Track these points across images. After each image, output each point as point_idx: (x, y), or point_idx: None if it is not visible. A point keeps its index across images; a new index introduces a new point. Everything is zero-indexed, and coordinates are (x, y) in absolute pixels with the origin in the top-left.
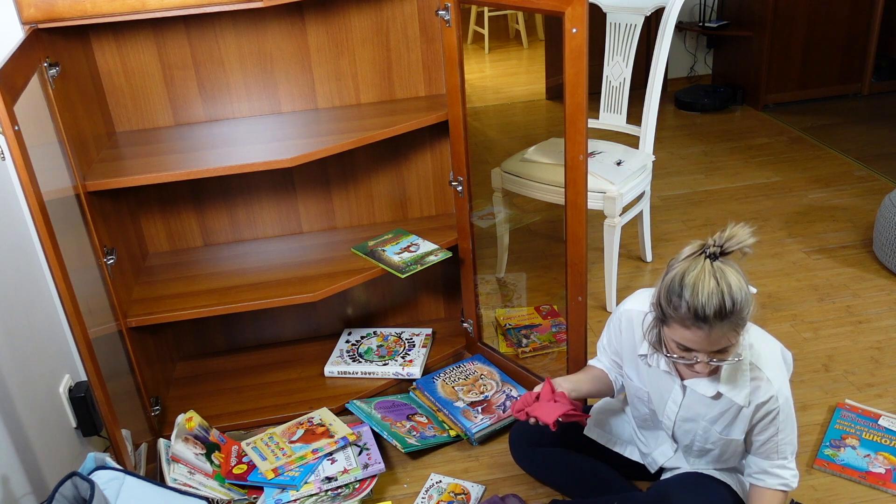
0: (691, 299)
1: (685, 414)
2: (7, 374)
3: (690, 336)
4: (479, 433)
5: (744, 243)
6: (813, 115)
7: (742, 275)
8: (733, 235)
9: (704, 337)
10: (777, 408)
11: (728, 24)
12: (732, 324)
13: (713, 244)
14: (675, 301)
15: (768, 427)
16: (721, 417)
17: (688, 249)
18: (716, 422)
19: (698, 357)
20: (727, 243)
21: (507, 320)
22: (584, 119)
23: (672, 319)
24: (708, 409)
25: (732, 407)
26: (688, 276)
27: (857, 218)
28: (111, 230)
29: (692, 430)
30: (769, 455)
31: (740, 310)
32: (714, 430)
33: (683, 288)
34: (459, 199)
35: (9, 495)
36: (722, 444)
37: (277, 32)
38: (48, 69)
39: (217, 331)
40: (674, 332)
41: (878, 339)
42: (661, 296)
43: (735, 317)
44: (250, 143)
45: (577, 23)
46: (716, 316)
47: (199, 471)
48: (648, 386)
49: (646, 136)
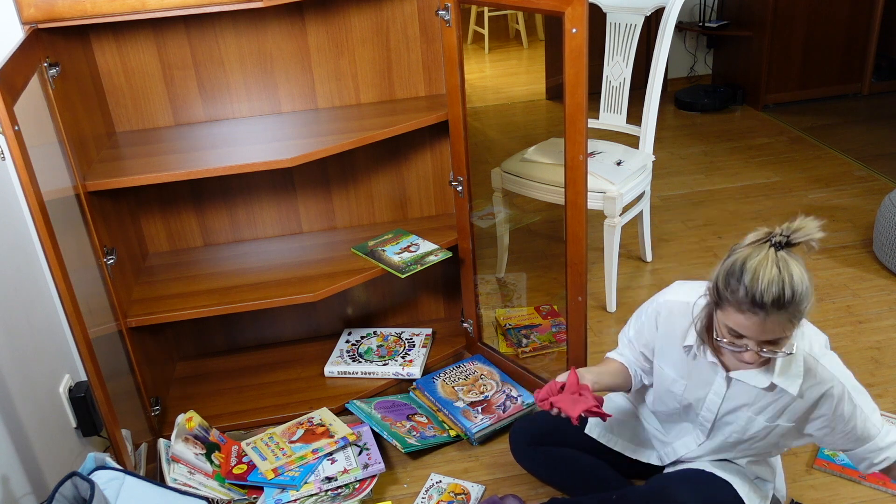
0: (750, 284)
1: (728, 406)
2: (7, 374)
3: (744, 322)
4: (479, 433)
5: (811, 236)
6: (813, 115)
7: (805, 269)
8: (802, 227)
9: (759, 324)
10: (839, 396)
11: (728, 24)
12: (789, 315)
13: (780, 233)
14: (734, 284)
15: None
16: (769, 407)
17: (752, 236)
18: (762, 411)
19: (749, 345)
20: (794, 234)
21: (507, 320)
22: (584, 119)
23: (727, 303)
24: (755, 399)
25: (783, 397)
26: (750, 261)
27: (857, 218)
28: (111, 230)
29: (734, 421)
30: (863, 441)
31: (799, 302)
32: (759, 419)
33: (744, 272)
34: (459, 199)
35: (9, 495)
36: (765, 432)
37: (277, 32)
38: (48, 69)
39: (217, 331)
40: (727, 317)
41: (878, 339)
42: (720, 278)
43: (792, 308)
44: (250, 143)
45: (577, 23)
46: (773, 304)
47: (199, 471)
48: (687, 378)
49: (646, 136)
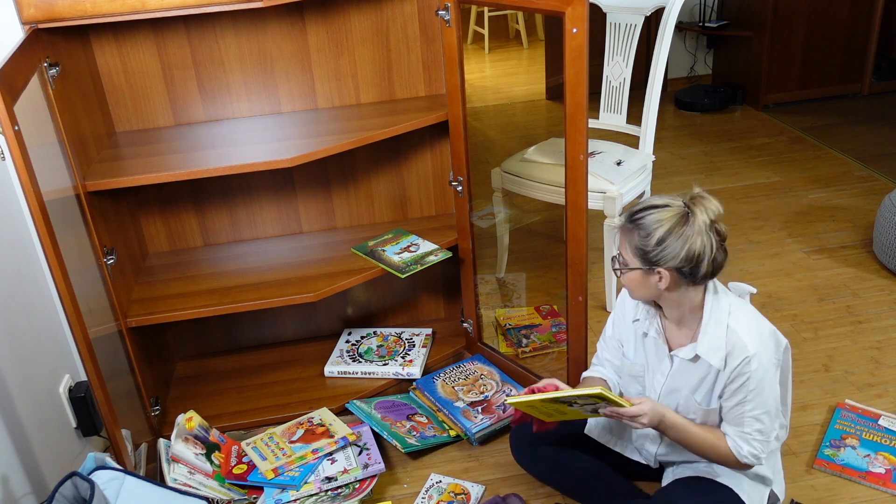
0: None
1: (670, 385)
2: (7, 374)
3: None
4: (480, 433)
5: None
6: (813, 115)
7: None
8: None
9: (618, 229)
10: (748, 373)
11: (728, 24)
12: (628, 234)
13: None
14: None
15: (737, 392)
16: (700, 385)
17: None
18: (696, 390)
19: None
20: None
21: (507, 320)
22: (585, 119)
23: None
24: (689, 377)
25: (710, 373)
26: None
27: (857, 218)
28: (111, 230)
29: (674, 402)
30: (734, 423)
31: (639, 227)
32: (694, 399)
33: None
34: (459, 199)
35: (9, 495)
36: (702, 415)
37: (277, 32)
38: (48, 69)
39: (217, 331)
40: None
41: (878, 339)
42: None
43: (633, 229)
44: (250, 143)
45: (577, 23)
46: (627, 217)
47: (199, 471)
48: (643, 359)
49: (646, 136)
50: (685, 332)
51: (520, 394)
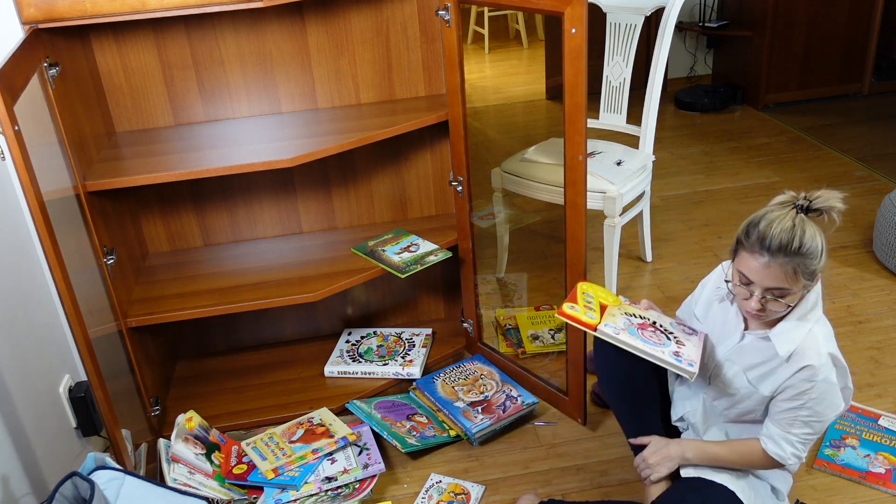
0: (764, 229)
1: (732, 355)
2: (7, 374)
3: (753, 264)
4: (480, 433)
5: (831, 203)
6: (813, 115)
7: (822, 235)
8: (822, 195)
9: (764, 267)
10: (814, 383)
11: (728, 24)
12: (794, 264)
13: (803, 197)
14: (751, 230)
15: (796, 397)
16: (757, 367)
17: (779, 197)
18: (750, 369)
19: (754, 291)
20: (815, 200)
21: (507, 320)
22: (584, 119)
23: (742, 247)
24: (751, 356)
25: (773, 361)
26: (770, 214)
27: (857, 218)
28: (111, 230)
29: (727, 371)
30: (783, 425)
31: (805, 254)
32: (745, 377)
33: (762, 220)
34: (459, 199)
35: (9, 495)
36: (745, 394)
37: (277, 32)
38: (48, 69)
39: (217, 331)
40: (740, 262)
41: (878, 339)
42: (742, 227)
43: (797, 258)
44: (250, 143)
45: (576, 23)
46: (780, 249)
47: (199, 471)
48: (710, 325)
49: (646, 136)
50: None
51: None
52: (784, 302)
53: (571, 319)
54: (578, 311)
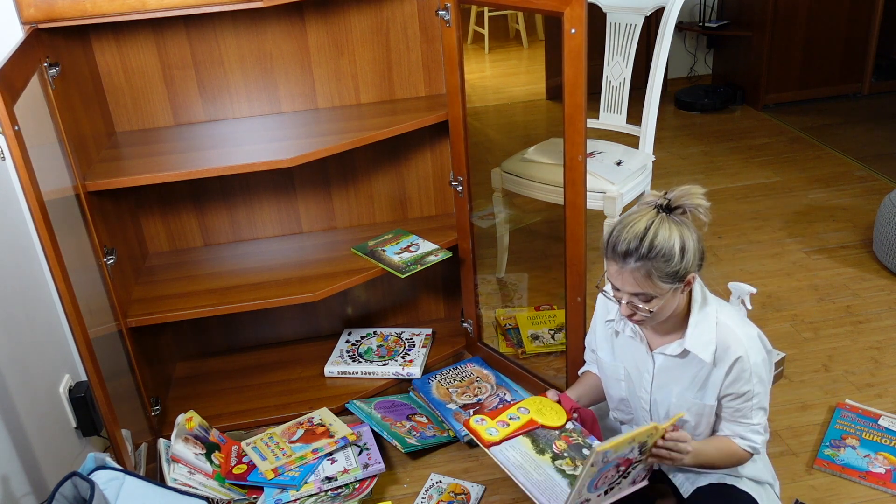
0: (616, 233)
1: (658, 382)
2: (7, 374)
3: (610, 269)
4: (468, 436)
5: (692, 201)
6: (813, 115)
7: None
8: (679, 193)
9: (618, 273)
10: (748, 368)
11: (728, 24)
12: (646, 268)
13: (662, 195)
14: (612, 234)
15: (741, 389)
16: (692, 382)
17: (644, 199)
18: (688, 387)
19: (622, 297)
20: (675, 198)
21: (507, 320)
22: (583, 119)
23: (604, 253)
24: (679, 373)
25: (702, 370)
26: (627, 217)
27: (857, 218)
28: (111, 230)
29: (666, 400)
30: (740, 419)
31: (655, 257)
32: (687, 396)
33: (618, 224)
34: (459, 199)
35: (9, 495)
36: (696, 412)
37: (277, 32)
38: (48, 69)
39: (217, 331)
40: (607, 268)
41: (878, 339)
42: (606, 229)
43: (649, 262)
44: (250, 143)
45: (575, 23)
46: (627, 255)
47: (199, 471)
48: (624, 361)
49: (646, 136)
50: (668, 336)
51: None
52: (648, 307)
53: (472, 432)
54: (485, 424)
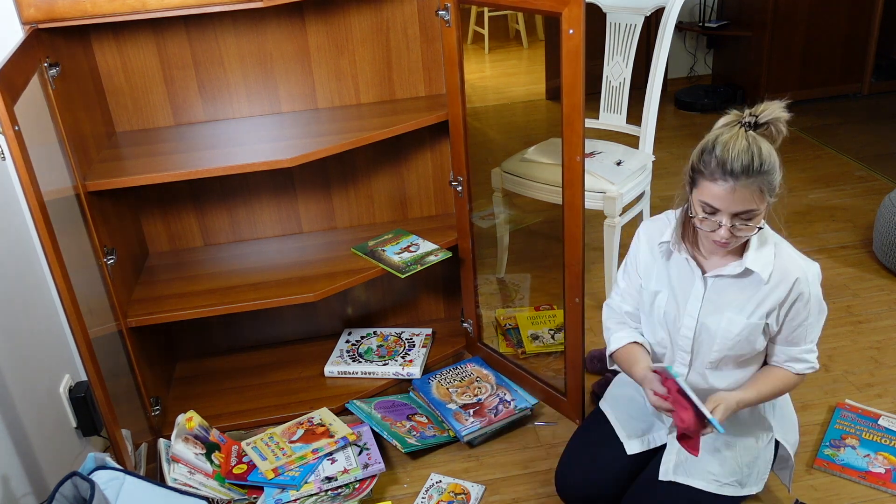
0: (722, 154)
1: (708, 307)
2: (7, 374)
3: (717, 191)
4: (469, 436)
5: (775, 115)
6: (813, 115)
7: (773, 148)
8: (766, 108)
9: (729, 192)
10: (806, 292)
11: (728, 24)
12: (758, 183)
13: (749, 114)
14: (707, 158)
15: (801, 311)
16: (747, 303)
17: (723, 120)
18: (741, 310)
19: (722, 220)
20: (761, 114)
21: (507, 320)
22: (582, 120)
23: (701, 176)
24: (732, 296)
25: (758, 291)
26: (721, 136)
27: (857, 218)
28: (111, 230)
29: (717, 323)
30: (798, 341)
31: (767, 171)
32: (739, 319)
33: (716, 145)
34: (459, 199)
35: (9, 495)
36: (748, 336)
37: (277, 32)
38: (48, 69)
39: (217, 331)
40: (701, 192)
41: (878, 339)
42: (695, 156)
43: (762, 177)
44: (250, 143)
45: (573, 24)
46: (743, 171)
47: (199, 471)
48: (668, 287)
49: (646, 136)
50: (725, 258)
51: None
52: (752, 224)
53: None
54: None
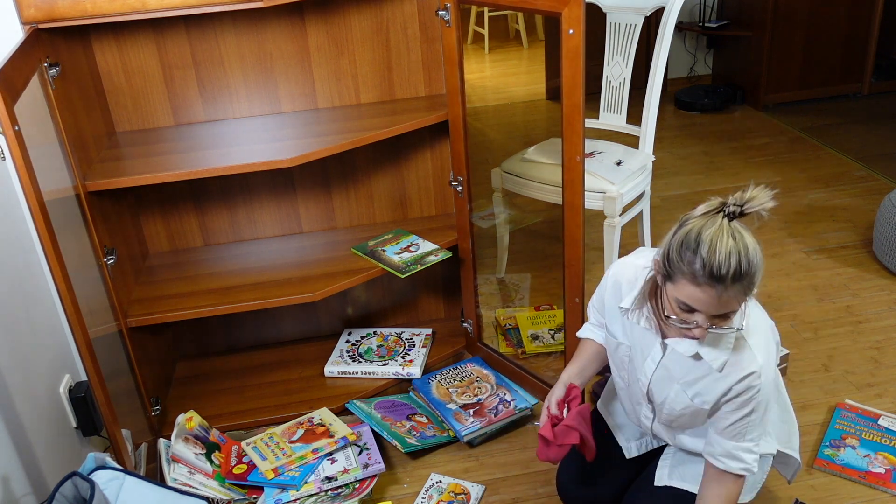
0: (708, 256)
1: (661, 373)
2: (7, 374)
3: (700, 295)
4: (469, 436)
5: (764, 205)
6: (813, 115)
7: (755, 238)
8: (754, 197)
9: (714, 298)
10: (758, 385)
11: (728, 24)
12: (744, 287)
13: (733, 203)
14: (690, 257)
15: (744, 405)
16: (696, 383)
17: (703, 207)
18: (690, 386)
19: (699, 320)
20: (747, 204)
21: (507, 320)
22: (581, 120)
23: (682, 276)
24: (685, 372)
25: (709, 375)
26: (705, 232)
27: (857, 218)
28: (111, 230)
29: (665, 392)
30: (736, 436)
31: (754, 273)
32: (686, 395)
33: (700, 244)
34: (459, 199)
35: (9, 495)
36: (691, 413)
37: (277, 32)
38: (48, 69)
39: (217, 331)
40: (679, 291)
41: (878, 339)
42: (673, 250)
43: (748, 280)
44: (250, 143)
45: (573, 24)
46: (733, 277)
47: (199, 471)
48: (631, 341)
49: (646, 136)
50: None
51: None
52: (730, 322)
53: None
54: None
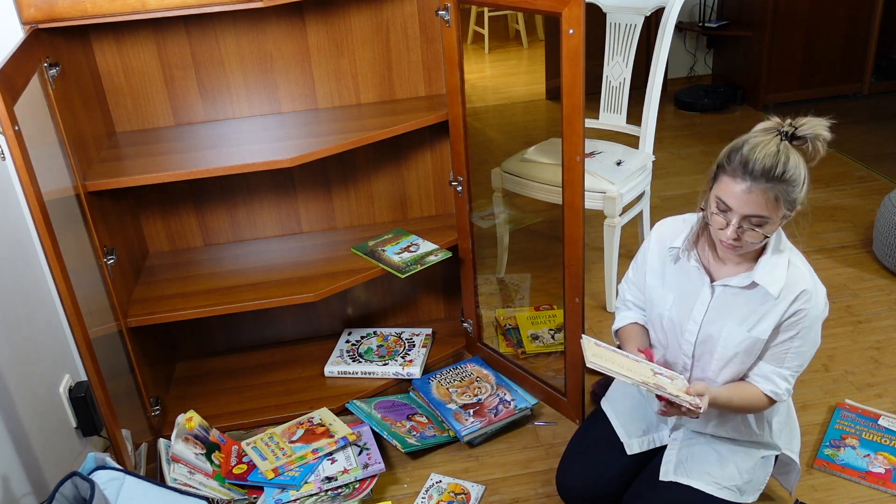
0: (748, 153)
1: (712, 315)
2: (7, 374)
3: (733, 189)
4: (469, 436)
5: (817, 131)
6: (813, 115)
7: (804, 165)
8: (807, 122)
9: (745, 192)
10: (807, 309)
11: (728, 24)
12: (776, 191)
13: (788, 123)
14: (733, 154)
15: (791, 327)
16: (749, 316)
17: (763, 124)
18: (743, 321)
19: (732, 219)
20: (801, 127)
21: (507, 320)
22: (581, 120)
23: (723, 172)
24: (738, 307)
25: (764, 304)
26: (754, 138)
27: (857, 218)
28: (111, 230)
29: (716, 333)
30: (775, 360)
31: (788, 181)
32: (740, 330)
33: (745, 144)
34: (459, 199)
35: (9, 495)
36: (746, 349)
37: (277, 32)
38: (48, 69)
39: (217, 331)
40: (719, 188)
41: (878, 339)
42: (723, 152)
43: (781, 185)
44: (250, 143)
45: (573, 24)
46: (763, 174)
47: (199, 471)
48: (675, 290)
49: (646, 136)
50: (735, 267)
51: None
52: (761, 232)
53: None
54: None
